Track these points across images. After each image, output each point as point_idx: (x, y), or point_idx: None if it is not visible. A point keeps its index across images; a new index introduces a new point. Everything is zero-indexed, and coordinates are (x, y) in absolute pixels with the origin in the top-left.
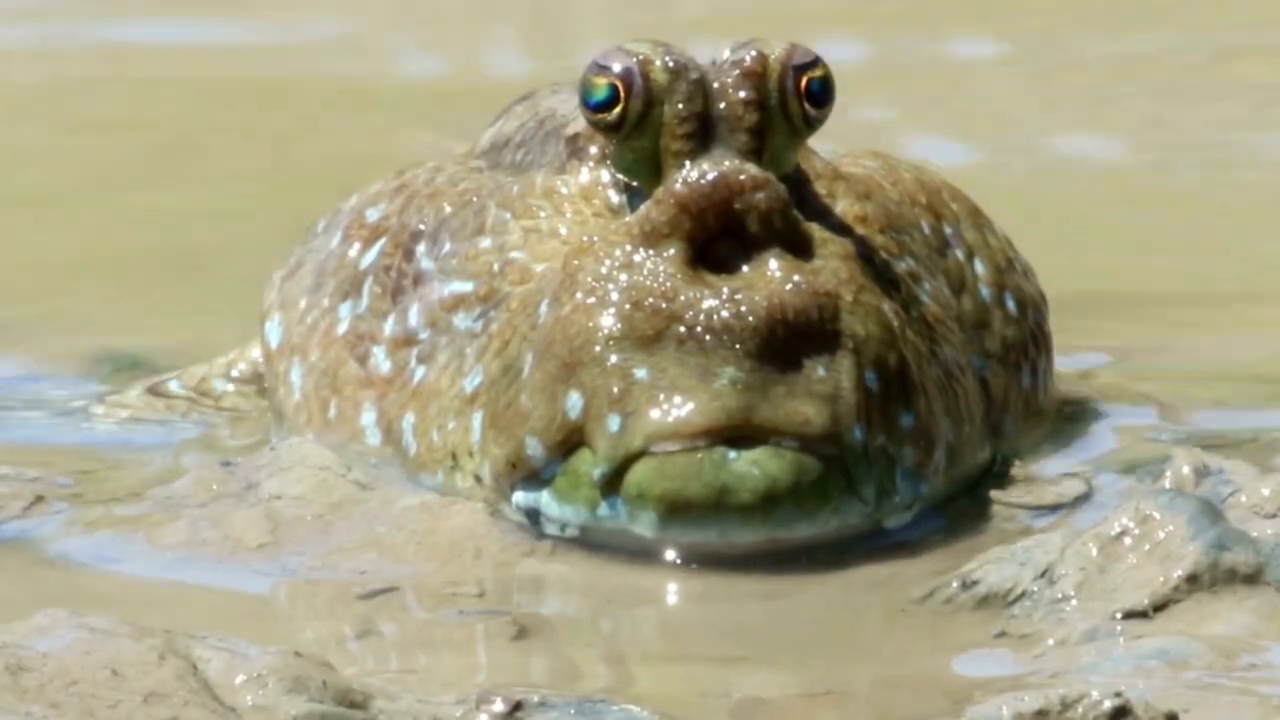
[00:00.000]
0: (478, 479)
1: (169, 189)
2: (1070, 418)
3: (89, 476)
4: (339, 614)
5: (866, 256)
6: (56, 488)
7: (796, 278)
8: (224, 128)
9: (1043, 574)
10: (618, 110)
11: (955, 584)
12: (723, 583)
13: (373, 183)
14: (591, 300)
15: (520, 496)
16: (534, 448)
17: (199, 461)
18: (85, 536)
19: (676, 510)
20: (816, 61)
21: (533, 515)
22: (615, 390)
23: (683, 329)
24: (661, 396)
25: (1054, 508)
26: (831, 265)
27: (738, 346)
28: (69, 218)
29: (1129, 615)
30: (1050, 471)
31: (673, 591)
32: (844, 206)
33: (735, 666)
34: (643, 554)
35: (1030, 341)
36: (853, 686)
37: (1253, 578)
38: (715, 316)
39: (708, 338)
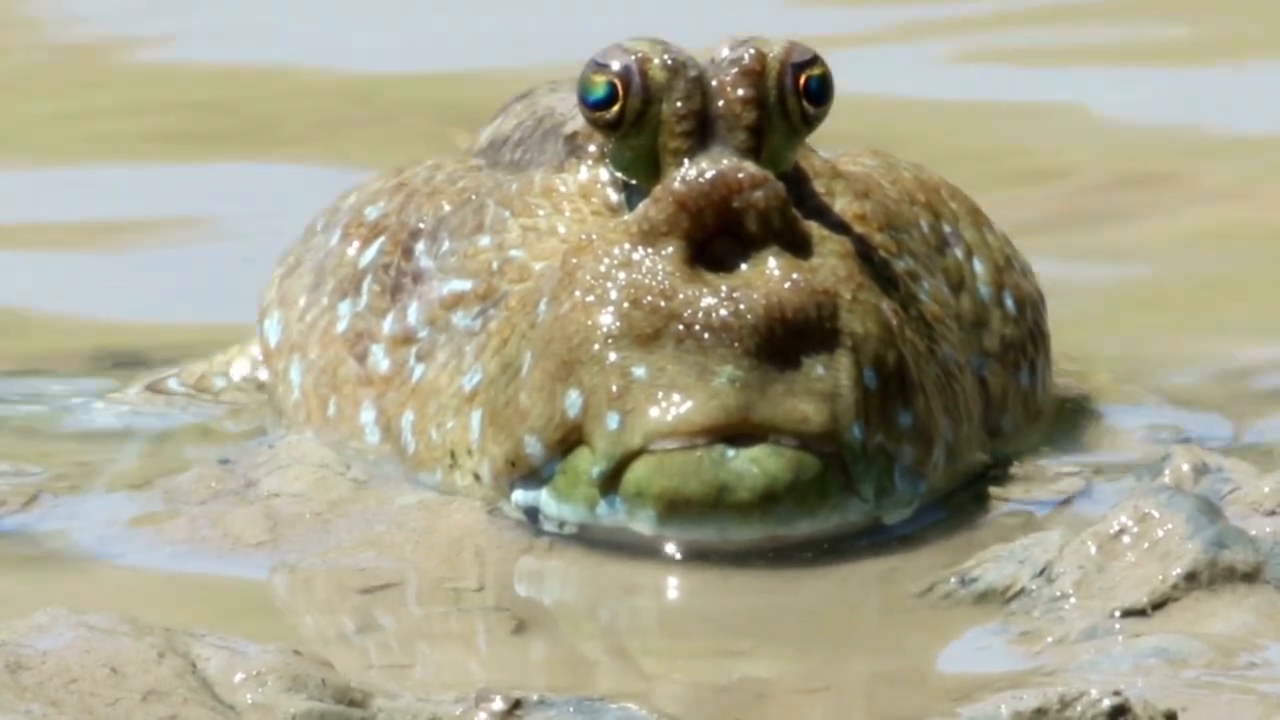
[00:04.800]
0: (476, 477)
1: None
2: (1069, 414)
3: (89, 473)
4: (338, 611)
5: (865, 255)
6: (56, 483)
7: (795, 276)
8: None
9: (1041, 572)
10: (616, 108)
11: (954, 580)
12: (721, 577)
13: (372, 180)
14: (590, 298)
15: (519, 495)
16: (533, 446)
17: (199, 451)
18: (84, 533)
19: (675, 508)
20: (815, 59)
21: (531, 513)
22: (614, 388)
23: (681, 327)
24: (660, 395)
25: (1053, 505)
26: (830, 263)
27: (736, 345)
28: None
29: (1128, 613)
30: (1049, 469)
31: (671, 586)
32: (843, 205)
33: (733, 661)
34: (641, 549)
35: (1029, 340)
36: (850, 681)
37: (1251, 576)
38: (714, 315)
39: (706, 336)
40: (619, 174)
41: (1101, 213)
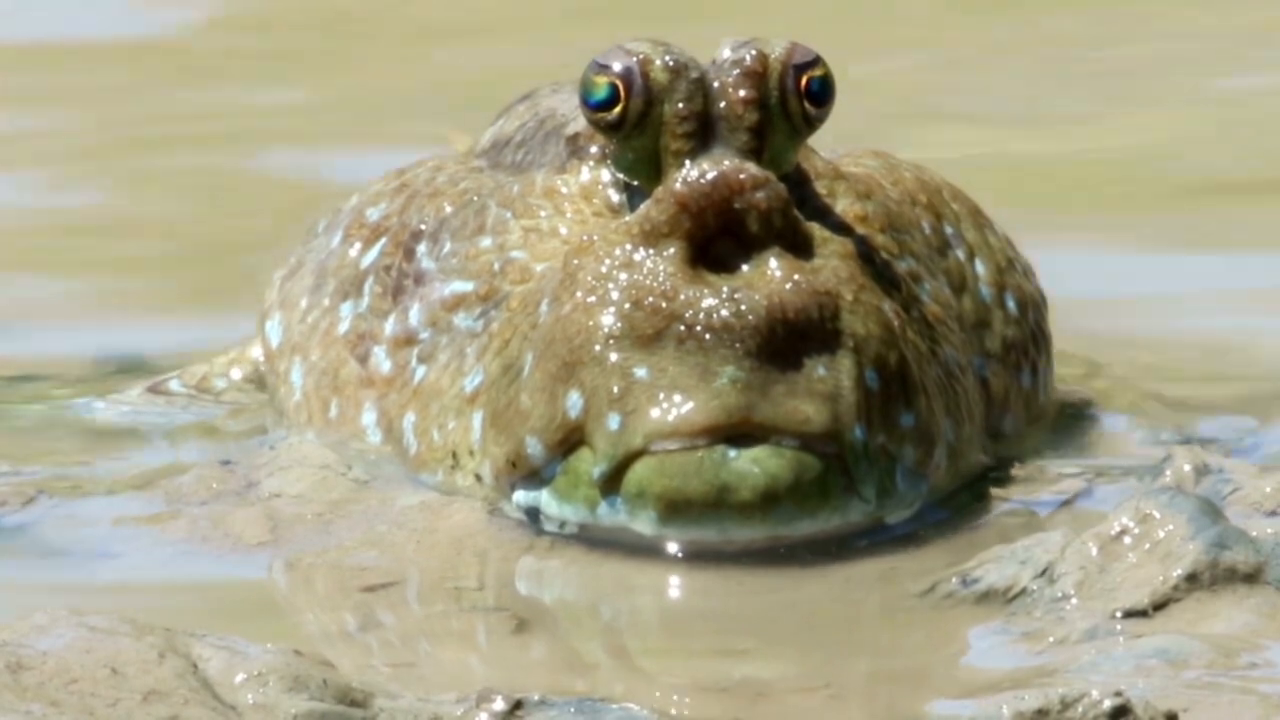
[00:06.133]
0: (478, 478)
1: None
2: (1071, 416)
3: (89, 473)
4: (339, 611)
5: (867, 256)
6: (56, 484)
7: (796, 277)
8: None
9: (1043, 572)
10: (618, 110)
11: (955, 580)
12: (722, 577)
13: (373, 182)
14: (592, 299)
15: (520, 495)
16: (534, 447)
17: (200, 453)
18: (85, 533)
19: (676, 508)
20: (817, 60)
21: (532, 514)
22: (615, 389)
23: (683, 328)
24: (661, 395)
25: (1054, 505)
26: (831, 264)
27: (738, 345)
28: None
29: (1129, 614)
30: (1051, 469)
31: (672, 585)
32: (844, 206)
33: (734, 660)
34: (642, 549)
35: (1030, 341)
36: (851, 681)
37: (1252, 576)
38: (715, 315)
39: (708, 337)
40: (620, 175)
41: None
